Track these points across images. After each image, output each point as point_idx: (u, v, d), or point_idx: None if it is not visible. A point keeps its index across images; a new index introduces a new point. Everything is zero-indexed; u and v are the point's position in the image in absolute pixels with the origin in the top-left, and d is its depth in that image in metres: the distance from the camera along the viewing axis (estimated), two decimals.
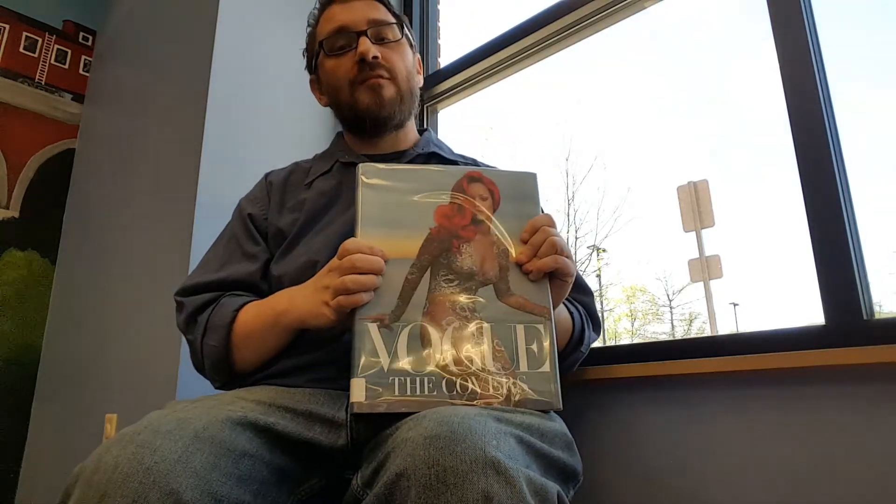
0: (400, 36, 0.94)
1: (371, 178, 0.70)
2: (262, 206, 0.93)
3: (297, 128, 1.54)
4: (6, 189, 1.88)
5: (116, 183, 1.72)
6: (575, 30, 1.40)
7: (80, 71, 2.09)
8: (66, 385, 1.68)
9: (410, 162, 0.92)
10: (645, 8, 1.34)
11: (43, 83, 2.00)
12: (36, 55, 2.00)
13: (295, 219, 0.89)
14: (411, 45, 0.98)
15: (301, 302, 0.73)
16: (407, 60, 0.94)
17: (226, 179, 1.34)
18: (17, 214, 1.89)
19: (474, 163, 0.99)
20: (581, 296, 0.93)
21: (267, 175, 0.99)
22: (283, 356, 0.80)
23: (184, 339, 1.21)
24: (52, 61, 2.03)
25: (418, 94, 0.98)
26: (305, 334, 0.79)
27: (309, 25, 0.99)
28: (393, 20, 0.94)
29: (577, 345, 0.88)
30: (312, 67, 0.99)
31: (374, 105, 0.90)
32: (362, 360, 0.62)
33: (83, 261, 1.80)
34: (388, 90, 0.90)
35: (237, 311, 0.80)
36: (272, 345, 0.78)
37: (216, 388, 0.85)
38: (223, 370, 0.81)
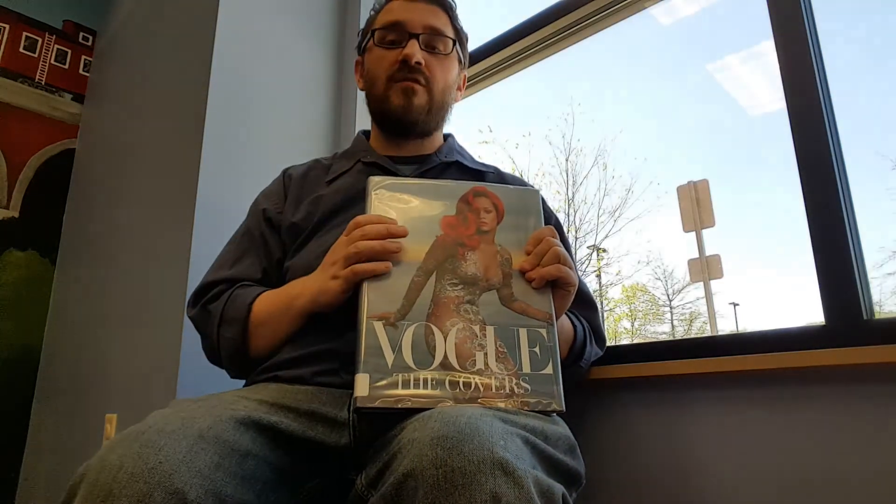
0: (450, 50, 0.95)
1: (380, 191, 0.73)
2: (277, 201, 0.94)
3: (298, 128, 1.54)
4: (6, 189, 1.88)
5: (116, 183, 1.72)
6: (575, 30, 1.40)
7: (80, 71, 2.09)
8: (66, 385, 1.68)
9: (432, 169, 0.93)
10: (645, 8, 1.34)
11: (43, 83, 2.00)
12: (36, 55, 2.00)
13: (311, 214, 0.89)
14: (460, 62, 1.00)
15: (311, 283, 0.77)
16: (449, 74, 0.95)
17: (226, 180, 1.35)
18: (17, 214, 1.89)
19: (496, 171, 0.99)
20: (586, 311, 0.93)
21: (285, 171, 0.99)
22: (286, 347, 0.80)
23: (184, 340, 1.22)
24: (52, 61, 2.03)
25: (451, 108, 0.99)
26: (310, 326, 0.79)
27: (372, 9, 1.00)
28: (449, 34, 0.95)
29: (577, 357, 0.88)
30: (361, 50, 1.00)
31: (403, 108, 0.91)
32: (367, 356, 0.63)
33: (83, 261, 1.80)
34: (421, 97, 0.91)
35: (252, 302, 0.82)
36: (285, 330, 0.80)
37: (232, 377, 0.88)
38: (239, 361, 0.83)
